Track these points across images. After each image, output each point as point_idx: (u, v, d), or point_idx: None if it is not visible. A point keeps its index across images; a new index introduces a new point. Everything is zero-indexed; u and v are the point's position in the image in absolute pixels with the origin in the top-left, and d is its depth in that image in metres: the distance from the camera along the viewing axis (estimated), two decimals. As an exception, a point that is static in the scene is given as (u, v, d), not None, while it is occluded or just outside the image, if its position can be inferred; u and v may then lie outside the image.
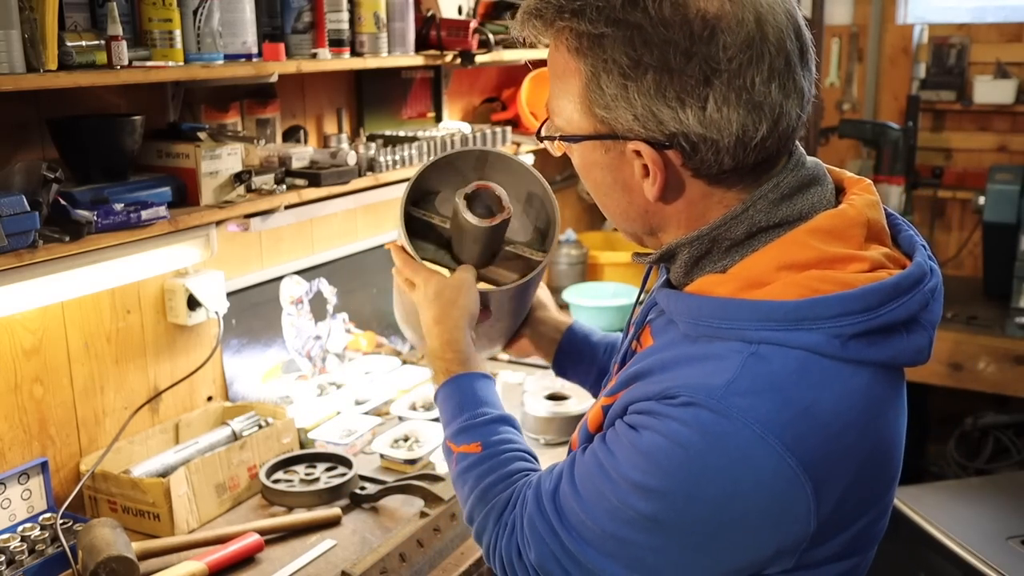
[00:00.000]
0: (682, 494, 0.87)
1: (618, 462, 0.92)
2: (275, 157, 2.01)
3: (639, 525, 0.90)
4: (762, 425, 0.84)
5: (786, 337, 0.86)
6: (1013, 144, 3.35)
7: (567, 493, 0.99)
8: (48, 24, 1.44)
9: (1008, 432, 3.19)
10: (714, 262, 0.94)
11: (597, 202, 1.03)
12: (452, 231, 1.40)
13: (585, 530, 0.96)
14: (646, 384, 0.94)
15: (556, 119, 0.98)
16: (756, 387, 0.85)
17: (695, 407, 0.86)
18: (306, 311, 2.35)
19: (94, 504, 1.83)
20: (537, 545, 1.01)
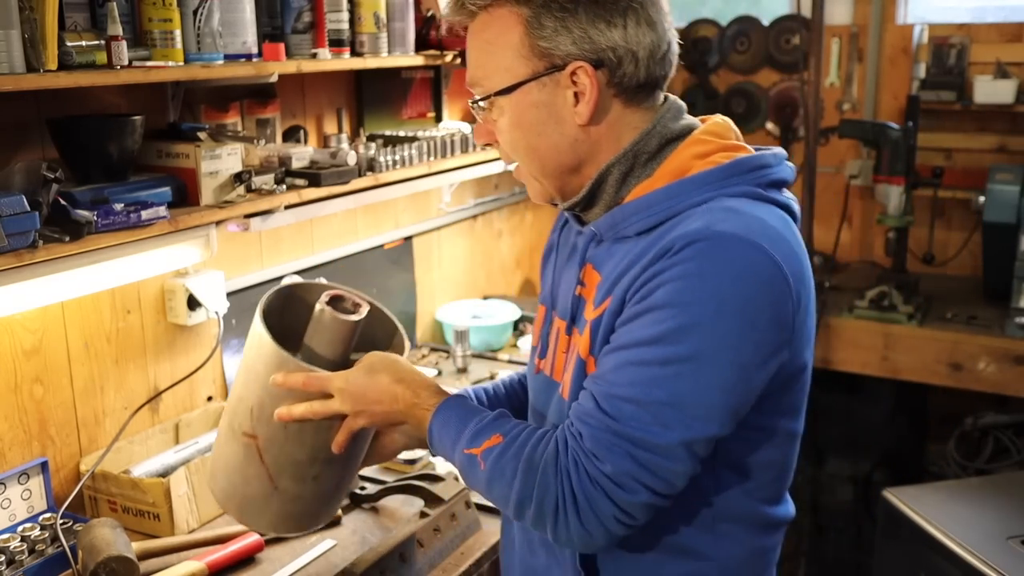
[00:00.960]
0: (709, 315, 1.00)
1: (642, 336, 1.03)
2: (275, 157, 2.01)
3: (685, 371, 1.01)
4: (748, 236, 1.03)
5: (723, 192, 1.09)
6: (1013, 144, 3.35)
7: (609, 395, 1.05)
8: (48, 24, 1.44)
9: (1008, 432, 3.19)
10: (638, 175, 1.15)
11: (524, 153, 1.17)
12: (315, 340, 1.39)
13: (642, 413, 1.02)
14: (632, 271, 1.08)
15: (487, 83, 1.15)
16: (727, 218, 1.04)
17: (691, 245, 1.02)
18: (306, 311, 2.35)
19: (94, 504, 1.83)
20: (608, 454, 1.03)
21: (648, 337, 1.03)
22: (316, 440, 1.36)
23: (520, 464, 1.09)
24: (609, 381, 1.05)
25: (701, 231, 1.03)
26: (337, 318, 1.36)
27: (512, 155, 1.20)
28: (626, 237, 1.13)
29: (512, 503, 1.10)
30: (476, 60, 1.17)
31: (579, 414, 1.08)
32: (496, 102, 1.15)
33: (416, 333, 2.85)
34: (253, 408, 1.36)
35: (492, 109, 1.17)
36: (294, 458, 1.36)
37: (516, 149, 1.18)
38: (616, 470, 1.03)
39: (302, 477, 1.38)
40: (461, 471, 1.18)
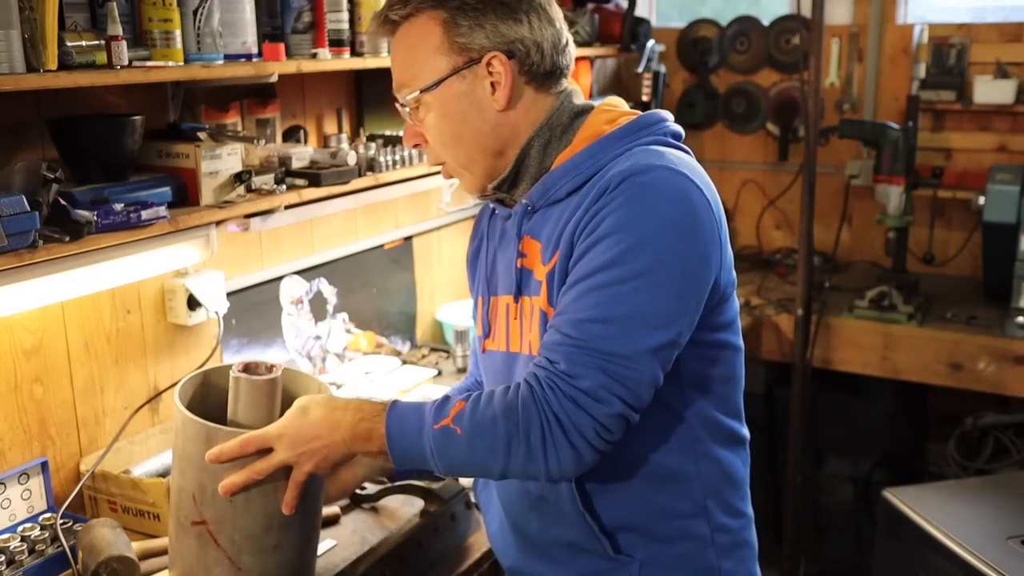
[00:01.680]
0: (653, 233, 1.13)
1: (596, 263, 1.14)
2: (275, 157, 2.01)
3: (642, 284, 1.12)
4: (674, 167, 1.17)
5: (636, 143, 1.23)
6: (1013, 144, 3.35)
7: (576, 321, 1.14)
8: (48, 24, 1.44)
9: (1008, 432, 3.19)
10: (557, 146, 1.28)
11: (452, 143, 1.28)
12: (239, 411, 1.40)
13: (608, 328, 1.12)
14: (573, 219, 1.19)
15: (413, 83, 1.27)
16: (650, 157, 1.19)
17: (625, 180, 1.15)
18: (306, 311, 2.35)
19: (94, 504, 1.83)
20: (583, 370, 1.12)
21: (602, 263, 1.14)
22: (266, 506, 1.35)
23: (497, 410, 1.14)
24: (573, 310, 1.15)
25: (631, 167, 1.17)
26: (254, 381, 1.38)
27: (441, 150, 1.31)
28: (558, 200, 1.26)
29: (500, 450, 1.14)
30: (401, 65, 1.29)
31: (547, 346, 1.17)
32: (423, 99, 1.27)
33: (416, 333, 2.85)
34: (195, 494, 1.35)
35: (420, 108, 1.28)
36: (249, 531, 1.36)
37: (444, 142, 1.29)
38: (592, 384, 1.12)
39: (262, 549, 1.37)
40: (436, 451, 1.17)
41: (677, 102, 3.83)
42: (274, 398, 1.41)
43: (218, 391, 1.46)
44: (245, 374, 1.39)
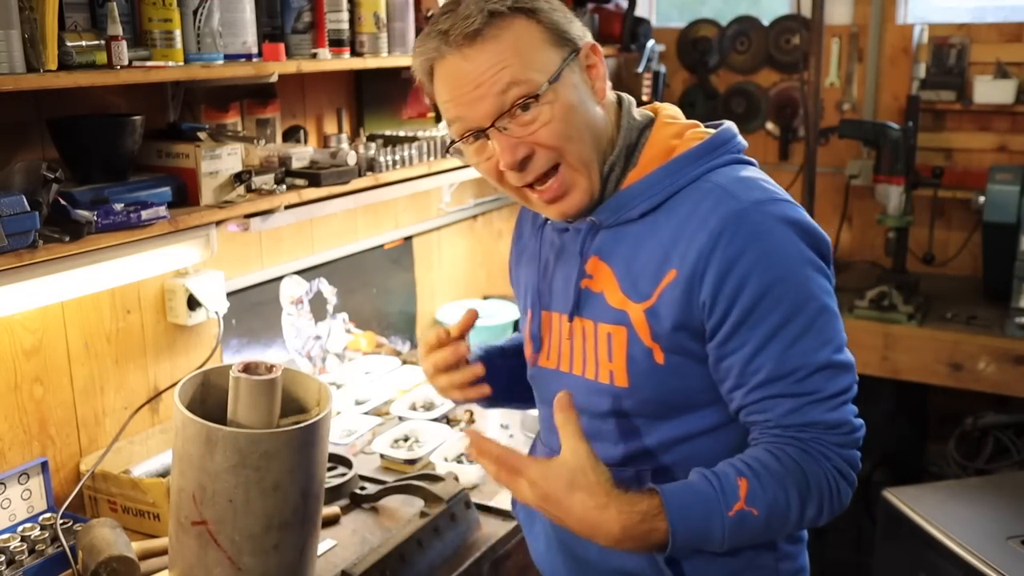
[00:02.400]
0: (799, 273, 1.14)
1: (774, 323, 1.13)
2: (275, 157, 2.01)
3: (821, 322, 1.15)
4: (775, 196, 1.18)
5: (712, 164, 1.21)
6: (1013, 144, 3.34)
7: (796, 382, 1.14)
8: (48, 24, 1.44)
9: (1008, 432, 3.18)
10: (626, 166, 1.25)
11: (576, 138, 1.19)
12: (239, 410, 1.40)
13: (828, 371, 1.15)
14: (682, 252, 1.16)
15: (534, 77, 1.17)
16: (745, 187, 1.17)
17: (742, 223, 1.14)
18: (306, 311, 2.35)
19: (94, 504, 1.83)
20: (838, 415, 1.15)
21: (781, 320, 1.13)
22: (266, 506, 1.36)
23: (786, 484, 1.13)
24: (785, 374, 1.14)
25: (739, 207, 1.14)
26: (254, 381, 1.38)
27: (565, 146, 1.19)
28: (629, 221, 1.22)
29: (794, 520, 1.15)
30: (505, 63, 1.16)
31: (784, 414, 1.15)
32: (546, 93, 1.17)
33: (416, 333, 2.85)
34: (195, 494, 1.36)
35: (541, 103, 1.17)
36: (249, 531, 1.37)
37: (571, 136, 1.19)
38: (849, 423, 1.16)
39: (263, 549, 1.38)
40: (730, 536, 1.13)
41: (677, 102, 3.83)
42: (274, 398, 1.41)
43: (218, 391, 1.46)
44: (245, 374, 1.39)
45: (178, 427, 1.38)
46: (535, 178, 1.21)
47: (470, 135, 1.20)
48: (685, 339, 1.18)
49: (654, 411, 1.23)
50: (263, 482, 1.35)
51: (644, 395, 1.22)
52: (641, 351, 1.20)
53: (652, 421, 1.23)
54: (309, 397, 1.52)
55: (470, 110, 1.18)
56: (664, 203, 1.20)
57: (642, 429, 1.24)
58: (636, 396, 1.22)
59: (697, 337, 1.18)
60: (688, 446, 1.24)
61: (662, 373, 1.19)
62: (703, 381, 1.20)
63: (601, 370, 1.24)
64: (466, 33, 1.15)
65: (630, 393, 1.22)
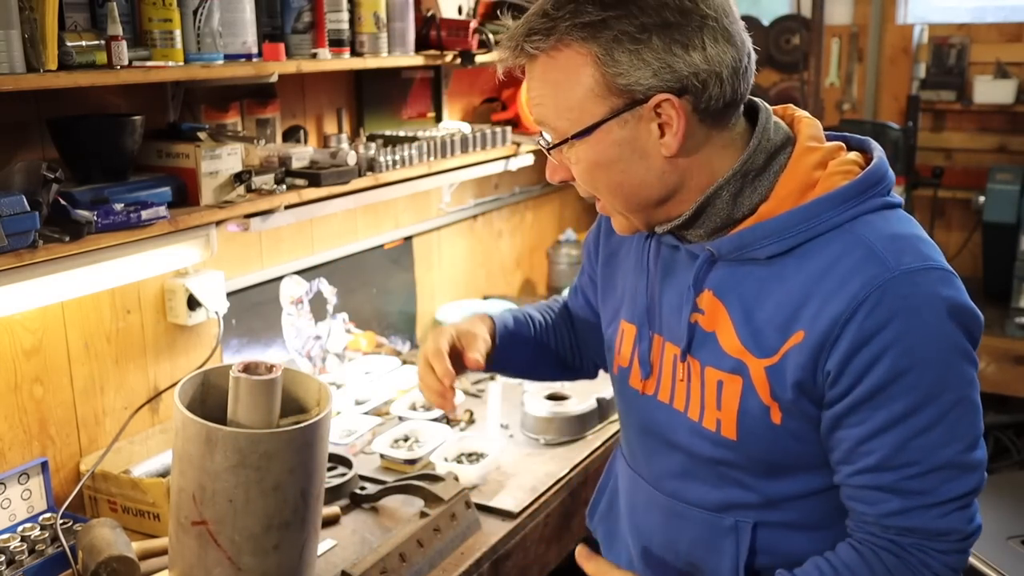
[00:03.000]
0: (944, 362, 1.02)
1: (900, 409, 1.02)
2: (275, 157, 2.01)
3: (954, 416, 1.03)
4: (929, 264, 1.03)
5: (859, 209, 1.06)
6: (1013, 144, 3.35)
7: (909, 477, 1.03)
8: (48, 24, 1.44)
9: (1008, 432, 3.19)
10: (750, 193, 1.10)
11: (607, 191, 1.12)
12: (239, 410, 1.40)
13: (947, 472, 1.03)
14: (814, 313, 1.04)
15: (559, 125, 1.09)
16: (896, 247, 1.03)
17: (886, 294, 1.00)
18: (306, 311, 2.35)
19: (94, 504, 1.83)
20: (947, 523, 1.04)
21: (908, 408, 1.02)
22: (267, 506, 1.36)
23: None
24: (898, 465, 1.04)
25: (888, 275, 1.01)
26: (254, 381, 1.38)
27: (591, 190, 1.14)
28: (753, 260, 1.10)
29: None
30: (540, 99, 1.09)
31: (887, 514, 1.06)
32: (573, 144, 1.09)
33: (416, 333, 2.85)
34: (195, 494, 1.36)
35: (568, 151, 1.10)
36: (249, 532, 1.36)
37: (597, 189, 1.13)
38: (960, 529, 1.05)
39: (262, 549, 1.38)
40: None
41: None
42: (274, 398, 1.41)
43: (218, 391, 1.46)
44: (245, 374, 1.39)
45: (178, 427, 1.38)
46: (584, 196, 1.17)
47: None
48: (806, 404, 1.08)
49: (761, 468, 1.14)
50: (263, 482, 1.35)
51: (753, 451, 1.13)
52: (757, 407, 1.10)
53: (757, 476, 1.15)
54: (309, 397, 1.52)
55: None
56: (796, 247, 1.07)
57: (745, 482, 1.16)
58: (744, 451, 1.13)
59: (817, 403, 1.08)
60: (793, 504, 1.16)
61: (777, 432, 1.10)
62: (818, 446, 1.11)
63: (707, 415, 1.15)
64: (510, 61, 1.09)
65: (737, 446, 1.13)
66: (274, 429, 1.39)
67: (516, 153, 2.68)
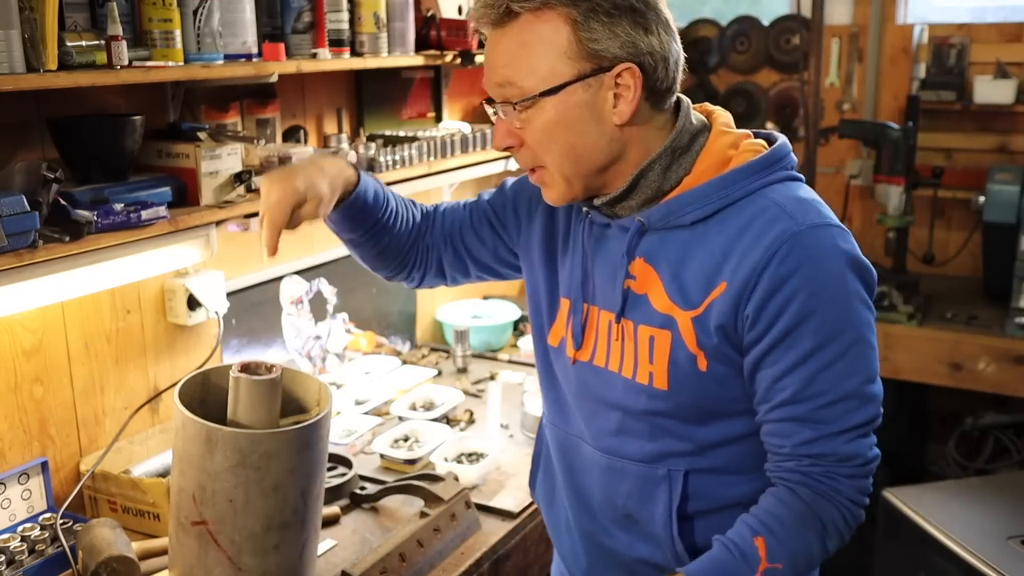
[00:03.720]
0: (845, 302, 1.15)
1: (809, 346, 1.15)
2: (275, 157, 2.01)
3: (856, 351, 1.16)
4: (830, 222, 1.18)
5: (768, 179, 1.21)
6: (1013, 144, 3.35)
7: (818, 407, 1.16)
8: (48, 24, 1.44)
9: (1008, 432, 3.19)
10: (676, 168, 1.23)
11: (561, 152, 1.21)
12: (239, 411, 1.40)
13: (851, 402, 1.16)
14: (734, 266, 1.16)
15: (524, 83, 1.17)
16: (801, 208, 1.17)
17: (796, 245, 1.13)
18: (306, 311, 2.35)
19: (94, 504, 1.83)
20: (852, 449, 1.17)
21: (816, 344, 1.15)
22: (267, 506, 1.36)
23: (802, 528, 1.18)
24: (808, 396, 1.16)
25: (796, 228, 1.15)
26: (254, 381, 1.38)
27: (543, 156, 1.22)
28: (679, 227, 1.22)
29: (816, 557, 1.21)
30: (513, 60, 1.18)
31: (800, 443, 1.18)
32: (537, 102, 1.18)
33: (416, 333, 2.85)
34: (195, 494, 1.36)
35: (530, 109, 1.19)
36: (249, 531, 1.36)
37: (550, 150, 1.21)
38: (862, 456, 1.18)
39: (263, 549, 1.38)
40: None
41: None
42: (274, 398, 1.41)
43: (218, 391, 1.46)
44: (245, 374, 1.39)
45: (178, 427, 1.38)
46: (521, 167, 1.27)
47: (487, 100, 1.25)
48: (728, 349, 1.19)
49: (691, 415, 1.24)
50: (263, 482, 1.35)
51: (682, 399, 1.23)
52: (685, 356, 1.21)
53: (687, 424, 1.25)
54: (309, 397, 1.52)
55: (486, 83, 1.23)
56: (716, 213, 1.20)
57: (676, 430, 1.26)
58: (674, 399, 1.23)
59: (738, 348, 1.19)
60: (721, 451, 1.26)
61: (704, 379, 1.21)
62: (740, 390, 1.22)
63: (640, 370, 1.25)
64: (492, 18, 1.18)
65: (668, 395, 1.23)
66: (274, 429, 1.39)
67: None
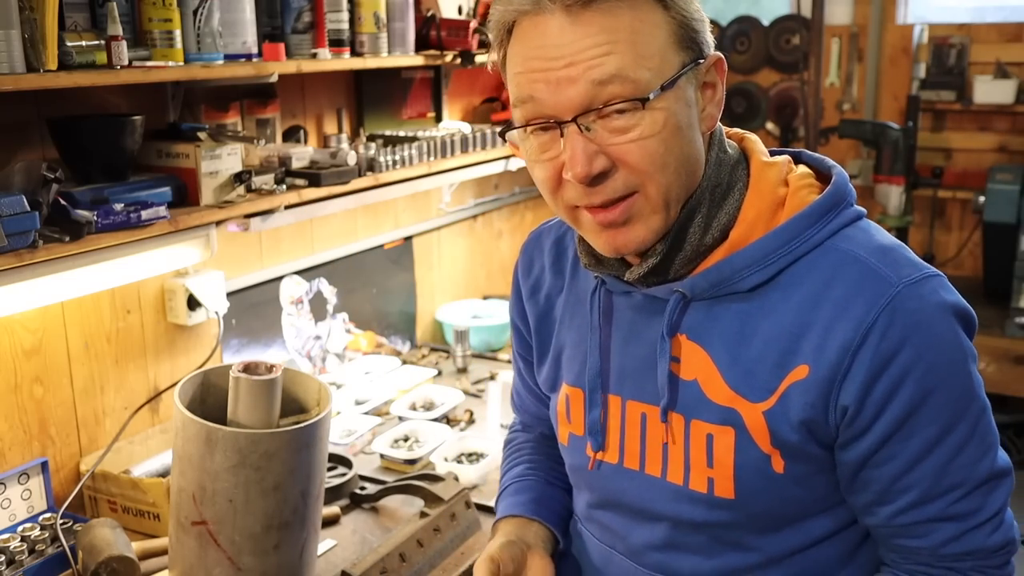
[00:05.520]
0: (963, 377, 0.96)
1: (931, 435, 0.95)
2: (275, 157, 2.01)
3: (979, 431, 0.97)
4: (924, 272, 0.96)
5: (833, 224, 0.99)
6: (1013, 144, 3.35)
7: (954, 501, 0.97)
8: (48, 24, 1.44)
9: (1008, 432, 3.19)
10: (720, 217, 1.00)
11: (676, 166, 0.96)
12: (239, 410, 1.41)
13: (984, 488, 0.97)
14: (817, 343, 0.95)
15: (641, 75, 0.92)
16: (889, 258, 0.96)
17: (896, 312, 0.92)
18: (306, 311, 2.35)
19: (94, 504, 1.83)
20: (994, 536, 0.99)
21: (941, 430, 0.95)
22: (267, 506, 1.36)
23: None
24: (943, 491, 0.97)
25: (892, 291, 0.94)
26: (254, 381, 1.38)
27: (652, 174, 0.95)
28: (731, 294, 1.00)
29: None
30: (615, 47, 0.91)
31: (942, 543, 0.99)
32: (656, 100, 0.93)
33: (416, 333, 2.85)
34: (195, 494, 1.36)
35: (644, 111, 0.93)
36: (249, 531, 1.37)
37: (665, 163, 0.95)
38: (1012, 539, 1.00)
39: (263, 550, 1.38)
40: None
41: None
42: (274, 398, 1.41)
43: (218, 391, 1.46)
44: (245, 374, 1.39)
45: (178, 427, 1.38)
46: (604, 201, 0.96)
47: (539, 123, 0.95)
48: (811, 446, 0.98)
49: (763, 525, 1.03)
50: (263, 482, 1.35)
51: (754, 508, 1.02)
52: (756, 458, 0.99)
53: (757, 535, 1.04)
54: (309, 397, 1.52)
55: (552, 92, 0.92)
56: (779, 274, 0.98)
57: (745, 542, 1.05)
58: (744, 509, 1.02)
59: (825, 443, 0.99)
60: (797, 558, 1.06)
61: (780, 483, 1.00)
62: (825, 489, 1.02)
63: (695, 475, 1.03)
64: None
65: (735, 505, 1.02)
66: (274, 429, 1.39)
67: (516, 153, 2.68)
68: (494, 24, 0.99)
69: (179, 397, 1.39)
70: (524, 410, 1.37)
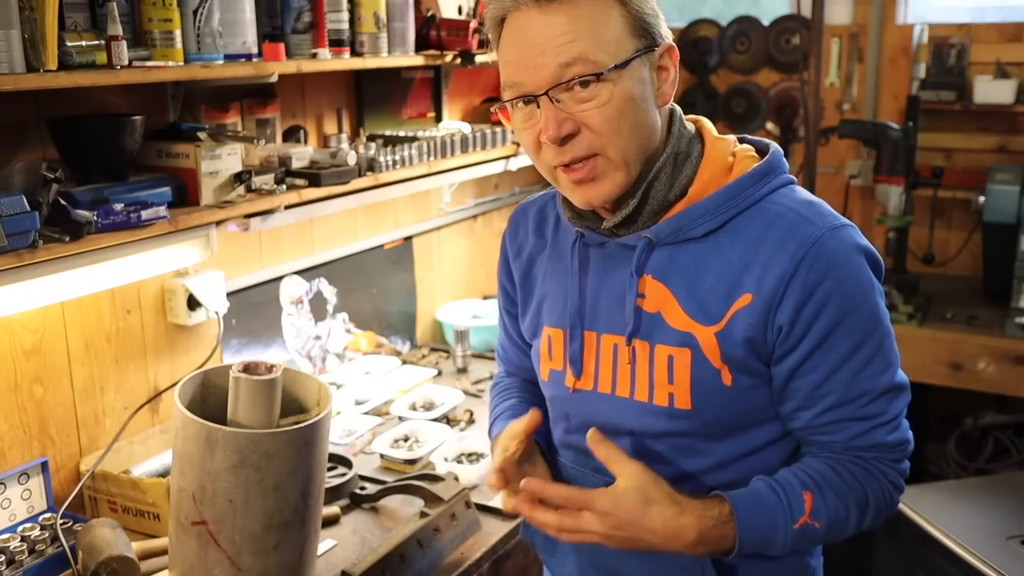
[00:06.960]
0: (873, 302, 1.17)
1: (846, 349, 1.15)
2: (275, 157, 2.01)
3: (886, 346, 1.19)
4: (844, 222, 1.19)
5: (772, 184, 1.21)
6: (1013, 144, 3.34)
7: (864, 405, 1.17)
8: (48, 24, 1.44)
9: (1008, 432, 3.18)
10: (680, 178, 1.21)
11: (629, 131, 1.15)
12: (239, 410, 1.40)
13: (891, 395, 1.19)
14: (757, 276, 1.15)
15: (600, 57, 1.12)
16: (816, 211, 1.18)
17: (823, 250, 1.14)
18: (306, 311, 2.35)
19: (94, 504, 1.83)
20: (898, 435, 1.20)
21: (853, 345, 1.16)
22: (267, 506, 1.36)
23: (848, 500, 1.19)
24: (854, 397, 1.17)
25: (817, 232, 1.15)
26: (254, 381, 1.38)
27: (610, 137, 1.14)
28: (689, 240, 1.20)
29: (850, 529, 1.22)
30: (575, 36, 1.12)
31: (851, 437, 1.19)
32: (609, 76, 1.12)
33: (416, 333, 2.85)
34: (195, 494, 1.36)
35: (600, 84, 1.12)
36: (249, 531, 1.37)
37: (619, 128, 1.14)
38: (907, 441, 1.21)
39: (263, 549, 1.38)
40: (792, 545, 1.18)
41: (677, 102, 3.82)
42: (274, 398, 1.41)
43: (218, 391, 1.46)
44: (245, 374, 1.39)
45: (178, 427, 1.38)
46: (572, 159, 1.16)
47: (520, 99, 1.16)
48: (753, 361, 1.18)
49: (714, 432, 1.22)
50: (263, 482, 1.35)
51: (707, 416, 1.20)
52: (708, 373, 1.18)
53: (709, 441, 1.22)
54: (309, 397, 1.52)
55: (530, 74, 1.14)
56: (727, 223, 1.18)
57: (698, 449, 1.23)
58: (698, 417, 1.20)
59: (764, 359, 1.18)
60: (743, 463, 1.24)
61: (729, 394, 1.19)
62: (765, 400, 1.21)
63: (658, 392, 1.21)
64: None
65: (692, 415, 1.20)
66: (274, 429, 1.39)
67: (516, 153, 2.68)
68: (488, 20, 1.20)
69: (179, 397, 1.39)
70: (508, 360, 1.54)
